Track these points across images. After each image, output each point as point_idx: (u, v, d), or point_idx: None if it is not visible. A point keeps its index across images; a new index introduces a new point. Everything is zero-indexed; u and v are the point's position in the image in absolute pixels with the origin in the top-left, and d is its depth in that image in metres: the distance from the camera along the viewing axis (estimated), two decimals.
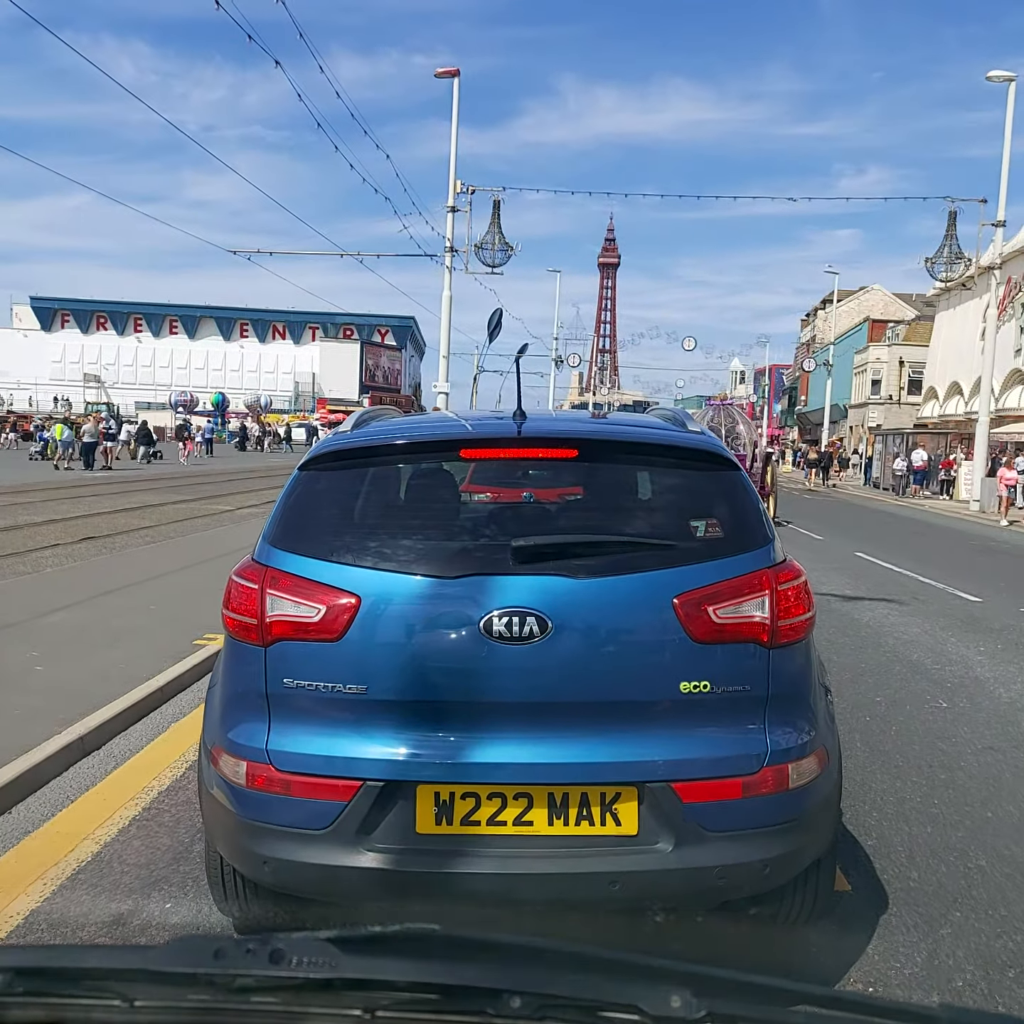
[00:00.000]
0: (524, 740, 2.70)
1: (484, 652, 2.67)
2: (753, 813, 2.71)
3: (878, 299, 68.21)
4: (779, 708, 2.81)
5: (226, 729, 2.87)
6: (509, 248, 25.20)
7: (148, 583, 9.67)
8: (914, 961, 3.15)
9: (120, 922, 3.39)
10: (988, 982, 3.02)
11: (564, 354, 57.38)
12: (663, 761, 2.68)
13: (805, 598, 2.91)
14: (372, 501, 3.14)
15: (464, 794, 2.67)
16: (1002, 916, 3.46)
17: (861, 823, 4.28)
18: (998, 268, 28.44)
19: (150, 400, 76.41)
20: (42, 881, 3.65)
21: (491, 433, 3.33)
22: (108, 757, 5.07)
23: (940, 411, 44.90)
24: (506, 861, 2.64)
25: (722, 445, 3.33)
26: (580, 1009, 0.96)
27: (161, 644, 7.03)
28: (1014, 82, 26.17)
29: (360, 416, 3.59)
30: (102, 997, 1.00)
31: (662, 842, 2.66)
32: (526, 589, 2.70)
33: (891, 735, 5.70)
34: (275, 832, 2.72)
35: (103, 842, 4.01)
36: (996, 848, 4.05)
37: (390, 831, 2.67)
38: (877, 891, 3.64)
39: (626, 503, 3.30)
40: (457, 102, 24.43)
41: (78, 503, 19.19)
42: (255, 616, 2.82)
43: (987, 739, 5.67)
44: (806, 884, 3.00)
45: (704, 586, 2.76)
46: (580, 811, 2.67)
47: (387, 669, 2.73)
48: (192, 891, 3.54)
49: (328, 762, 2.70)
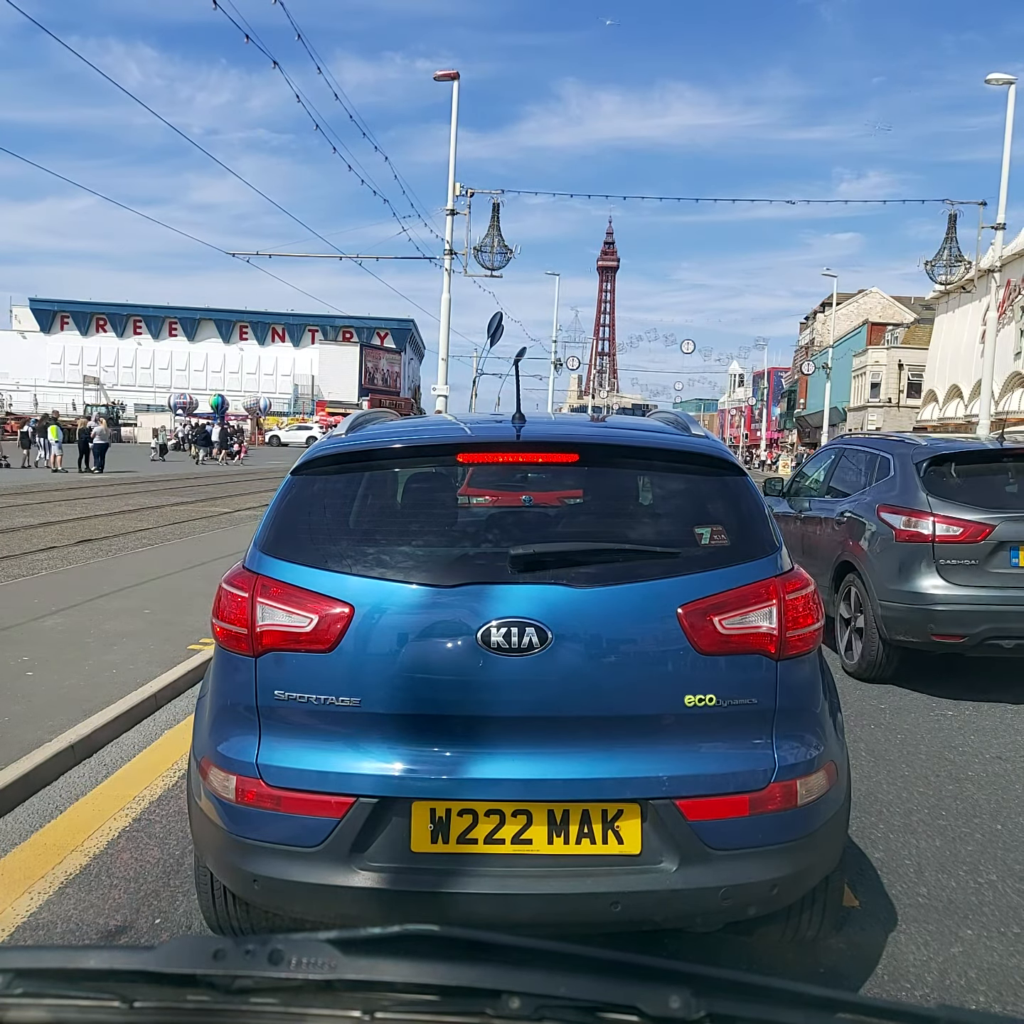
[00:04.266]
0: (523, 755, 2.61)
1: (482, 664, 2.58)
2: (760, 831, 2.61)
3: (877, 302, 68.28)
4: (787, 722, 2.72)
5: (215, 742, 2.78)
6: (508, 251, 25.12)
7: (143, 586, 9.59)
8: (924, 981, 3.06)
9: (108, 938, 3.30)
10: (1001, 1004, 2.93)
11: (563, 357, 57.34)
12: (667, 777, 2.59)
13: (814, 608, 2.82)
14: (367, 507, 3.05)
15: (461, 811, 2.58)
16: (1015, 934, 3.37)
17: (867, 835, 4.19)
18: (998, 271, 28.38)
19: (149, 402, 76.36)
20: (28, 895, 3.56)
21: (490, 437, 3.23)
22: (99, 765, 4.98)
23: (940, 414, 44.87)
24: (504, 880, 2.55)
25: (727, 449, 3.24)
26: (579, 1010, 0.96)
27: (155, 649, 6.95)
28: (1014, 85, 26.14)
29: (356, 419, 3.50)
30: (101, 998, 0.99)
31: (666, 861, 2.57)
32: (525, 598, 2.62)
33: (896, 744, 5.61)
34: (265, 849, 2.63)
35: (92, 854, 3.92)
36: (1007, 862, 3.96)
37: (384, 849, 2.58)
38: (886, 907, 3.55)
39: (628, 509, 3.21)
40: (456, 105, 24.37)
41: (75, 505, 19.11)
42: (245, 625, 2.73)
43: (995, 748, 5.58)
44: (814, 901, 2.91)
45: (709, 595, 2.67)
46: (581, 829, 2.58)
47: (381, 681, 2.64)
48: (183, 906, 3.46)
49: (320, 777, 2.61)
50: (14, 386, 76.12)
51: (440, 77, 24.65)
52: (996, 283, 29.34)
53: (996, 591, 6.46)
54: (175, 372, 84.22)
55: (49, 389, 76.42)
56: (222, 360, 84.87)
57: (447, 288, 24.37)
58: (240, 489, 25.49)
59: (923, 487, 6.82)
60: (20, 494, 21.50)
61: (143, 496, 22.14)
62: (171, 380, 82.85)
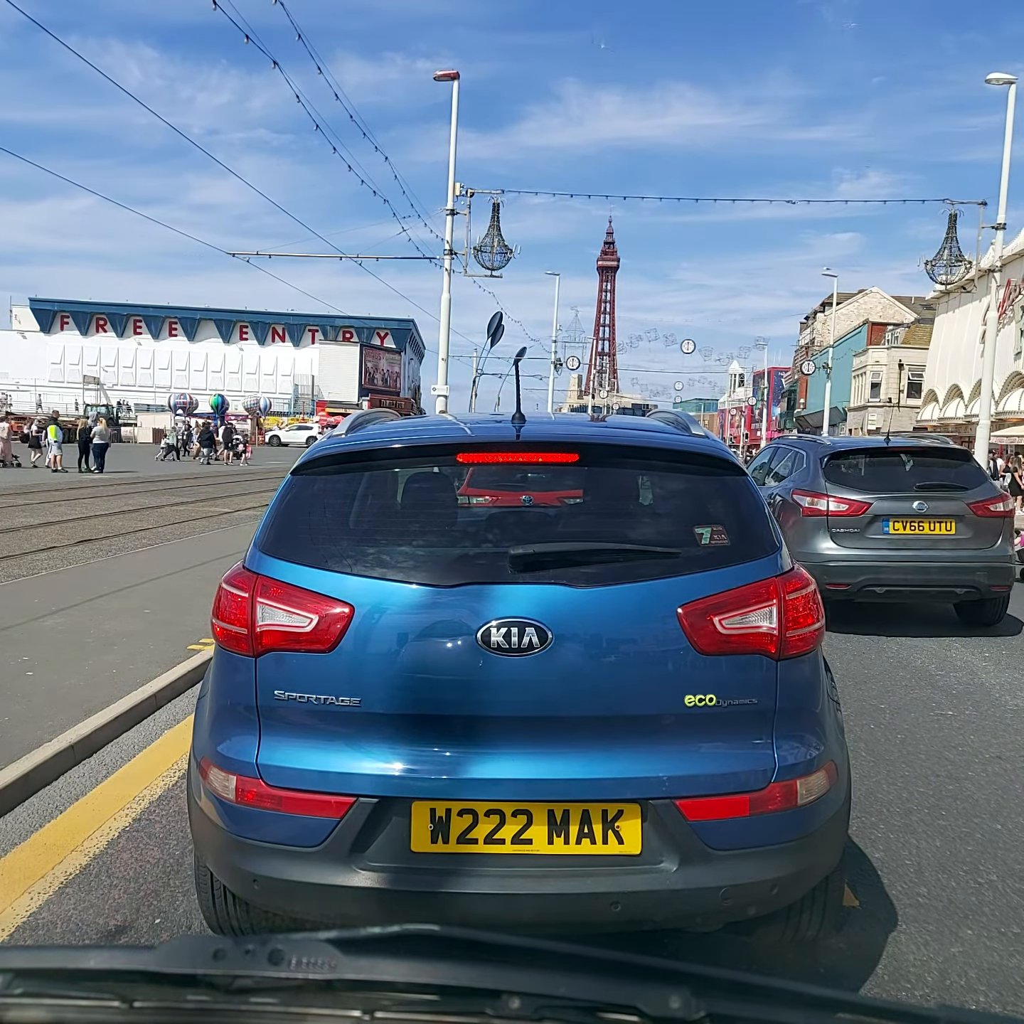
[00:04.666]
0: (523, 755, 2.61)
1: (482, 664, 2.58)
2: (760, 831, 2.61)
3: (877, 302, 68.26)
4: (787, 722, 2.72)
5: (215, 742, 2.78)
6: (508, 251, 25.11)
7: (143, 586, 9.58)
8: (924, 981, 3.06)
9: (108, 938, 3.29)
10: (1002, 1004, 2.93)
11: (563, 357, 57.29)
12: (667, 777, 2.59)
13: (814, 608, 2.82)
14: (367, 507, 3.05)
15: (461, 811, 2.58)
16: (1015, 934, 3.36)
17: (867, 835, 4.19)
18: (998, 271, 28.37)
19: (149, 402, 76.32)
20: (28, 895, 3.56)
21: (489, 437, 3.23)
22: (99, 765, 4.98)
23: (940, 414, 44.85)
24: (504, 881, 2.55)
25: (727, 449, 3.24)
26: (579, 1010, 0.96)
27: (155, 649, 6.95)
28: (1014, 85, 26.12)
29: (355, 419, 3.50)
30: (101, 998, 0.99)
31: (666, 861, 2.57)
32: (525, 599, 2.61)
33: (896, 743, 5.61)
34: (265, 849, 2.63)
35: (92, 854, 3.92)
36: (1007, 862, 3.96)
37: (384, 849, 2.58)
38: (886, 907, 3.55)
39: (628, 509, 3.21)
40: (456, 105, 24.37)
41: (75, 505, 19.10)
42: (245, 625, 2.73)
43: (995, 748, 5.57)
44: (814, 901, 2.91)
45: (709, 595, 2.67)
46: (581, 829, 2.58)
47: (381, 681, 2.64)
48: (183, 906, 3.45)
49: (320, 777, 2.61)
50: (14, 386, 76.07)
51: (440, 77, 24.64)
52: (996, 283, 29.32)
53: (871, 551, 8.77)
54: (175, 372, 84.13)
55: (49, 389, 76.38)
56: (222, 360, 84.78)
57: (447, 288, 24.37)
58: (240, 489, 25.48)
59: (823, 476, 9.10)
60: (20, 494, 21.49)
61: (143, 496, 22.14)
62: (171, 380, 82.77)
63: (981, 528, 8.84)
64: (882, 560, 8.71)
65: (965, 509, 8.82)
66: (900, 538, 8.80)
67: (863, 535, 8.78)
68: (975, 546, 8.79)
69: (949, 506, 8.83)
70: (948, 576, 8.74)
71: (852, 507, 8.82)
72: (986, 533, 8.86)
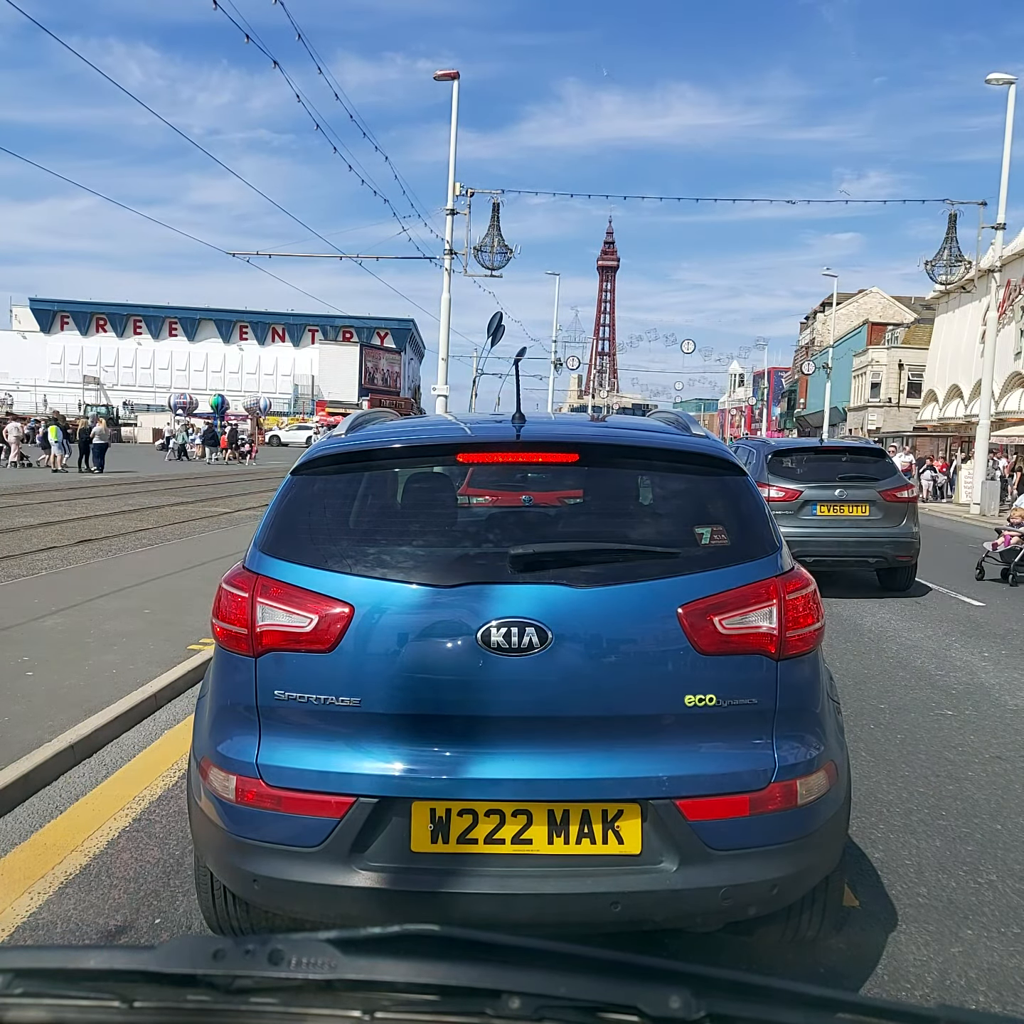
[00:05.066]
0: (523, 755, 2.61)
1: (482, 664, 2.58)
2: (760, 831, 2.61)
3: (877, 302, 68.24)
4: (787, 722, 2.71)
5: (215, 742, 2.78)
6: (508, 251, 25.14)
7: (143, 586, 9.58)
8: (924, 981, 3.05)
9: (108, 938, 3.29)
10: (1002, 1004, 2.93)
11: (563, 357, 57.32)
12: (667, 777, 2.59)
13: (814, 608, 2.82)
14: (367, 507, 3.05)
15: (461, 811, 2.57)
16: (1015, 934, 3.36)
17: (867, 835, 4.19)
18: (998, 271, 28.38)
19: (149, 402, 76.30)
20: (28, 895, 3.56)
21: (489, 437, 3.23)
22: (99, 765, 4.98)
23: (940, 414, 44.84)
24: (504, 881, 2.55)
25: (727, 449, 3.24)
26: (579, 1010, 0.95)
27: (155, 649, 6.95)
28: (1014, 85, 26.12)
29: (355, 419, 3.49)
30: (101, 998, 0.99)
31: (666, 861, 2.57)
32: (525, 598, 2.61)
33: (896, 743, 5.61)
34: (265, 849, 2.62)
35: (92, 854, 3.92)
36: (1007, 863, 3.96)
37: (384, 849, 2.57)
38: (886, 907, 3.55)
39: (628, 509, 3.21)
40: (456, 105, 24.39)
41: (75, 505, 19.10)
42: (245, 625, 2.73)
43: (995, 748, 5.57)
44: (814, 901, 2.91)
45: (710, 595, 2.66)
46: (581, 829, 2.57)
47: (381, 681, 2.64)
48: (183, 906, 3.45)
49: (320, 777, 2.61)
50: (14, 386, 76.05)
51: (440, 77, 24.66)
52: (996, 283, 29.33)
53: (803, 528, 10.81)
54: (175, 372, 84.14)
55: (49, 389, 76.37)
56: (222, 360, 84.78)
57: (447, 288, 24.38)
58: (240, 489, 25.48)
59: (767, 469, 11.36)
60: (20, 494, 21.49)
61: (143, 496, 22.13)
62: (171, 380, 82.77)
63: (889, 511, 11.12)
64: (811, 536, 10.79)
65: (877, 496, 11.13)
66: (825, 519, 11.15)
67: (796, 516, 11.03)
68: (884, 525, 11.10)
69: (864, 493, 11.15)
70: (863, 548, 11.04)
71: (788, 494, 11.14)
72: (894, 515, 11.14)
